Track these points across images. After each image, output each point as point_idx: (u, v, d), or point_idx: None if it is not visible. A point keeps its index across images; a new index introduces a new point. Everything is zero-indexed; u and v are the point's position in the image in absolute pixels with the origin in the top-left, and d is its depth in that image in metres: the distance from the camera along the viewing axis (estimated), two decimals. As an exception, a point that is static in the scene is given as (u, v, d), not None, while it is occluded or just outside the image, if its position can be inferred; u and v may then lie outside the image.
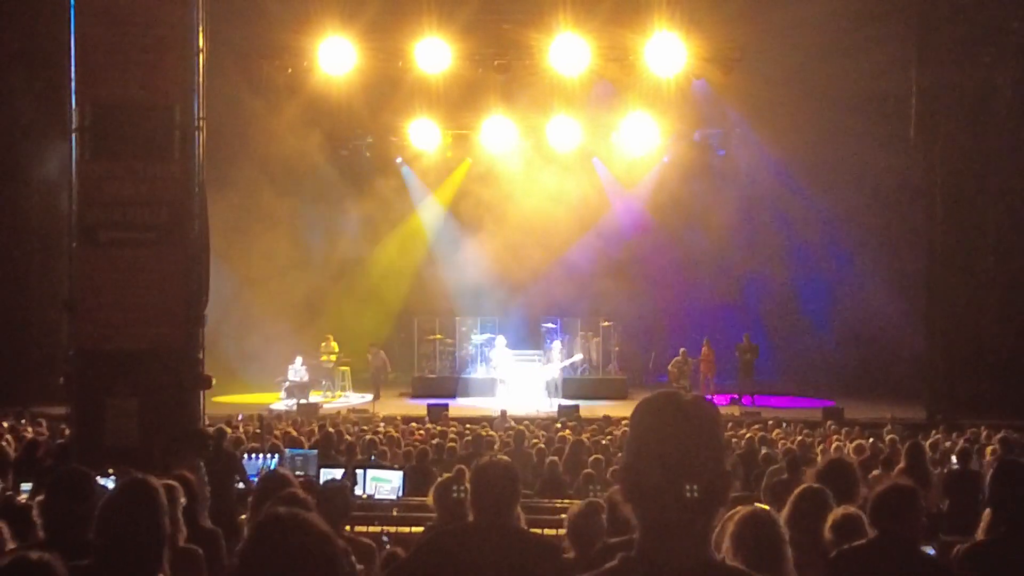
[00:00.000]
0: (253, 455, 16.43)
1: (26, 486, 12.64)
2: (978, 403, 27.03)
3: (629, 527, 3.48)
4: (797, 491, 6.78)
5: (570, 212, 37.39)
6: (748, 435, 20.41)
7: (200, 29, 16.08)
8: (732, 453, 16.82)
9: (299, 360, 32.60)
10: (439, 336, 36.58)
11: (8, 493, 7.98)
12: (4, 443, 15.54)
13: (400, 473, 14.68)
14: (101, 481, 7.62)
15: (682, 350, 32.77)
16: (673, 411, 3.37)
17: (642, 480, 3.32)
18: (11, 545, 6.25)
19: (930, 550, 8.08)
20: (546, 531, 10.29)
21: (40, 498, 5.48)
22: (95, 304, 15.29)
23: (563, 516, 9.02)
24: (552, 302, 36.69)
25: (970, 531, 7.42)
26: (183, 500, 7.07)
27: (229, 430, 18.15)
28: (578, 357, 34.76)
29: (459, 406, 30.11)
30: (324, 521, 3.79)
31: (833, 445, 19.30)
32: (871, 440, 19.05)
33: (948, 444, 18.99)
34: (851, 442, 19.16)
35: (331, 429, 19.91)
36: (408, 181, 38.93)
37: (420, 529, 9.86)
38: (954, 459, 15.49)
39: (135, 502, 5.10)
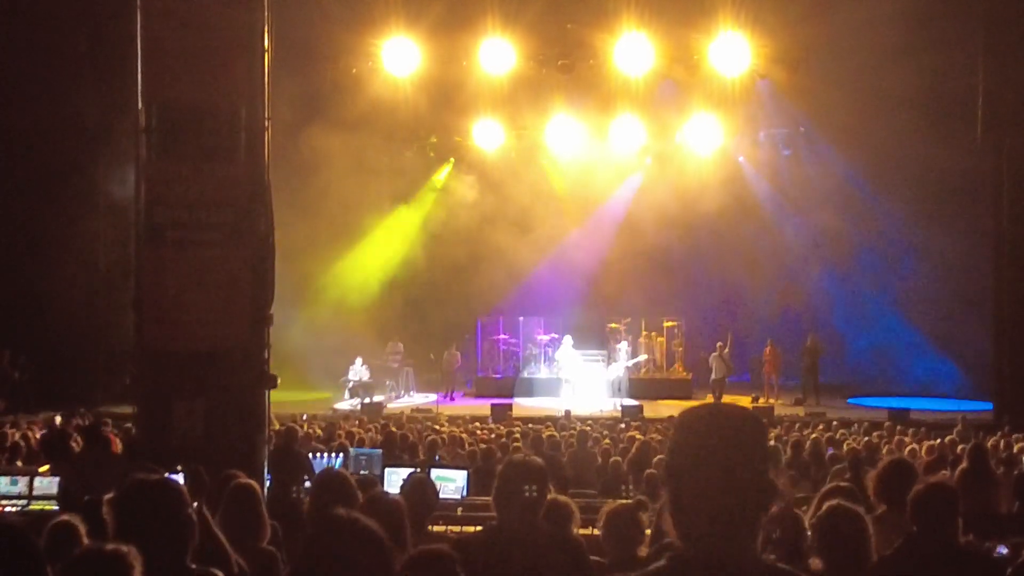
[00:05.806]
0: (318, 455, 16.55)
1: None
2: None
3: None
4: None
5: (635, 211, 37.34)
6: (813, 435, 20.33)
7: (266, 31, 16.13)
8: (781, 459, 16.60)
9: (359, 360, 32.79)
10: (503, 336, 36.58)
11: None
12: (73, 443, 15.74)
13: (464, 473, 14.66)
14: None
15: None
16: (712, 424, 3.40)
17: (681, 492, 3.34)
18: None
19: (1002, 548, 8.03)
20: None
21: (110, 496, 5.50)
22: (161, 304, 15.29)
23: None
24: (616, 301, 36.63)
25: (1042, 533, 7.38)
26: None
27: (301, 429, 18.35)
28: (643, 357, 34.66)
29: (522, 406, 30.14)
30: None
31: (907, 448, 19.13)
32: (939, 441, 18.90)
33: (1020, 446, 18.77)
34: (919, 443, 18.99)
35: (395, 429, 19.97)
36: (472, 180, 38.84)
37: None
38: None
39: (151, 499, 5.11)
